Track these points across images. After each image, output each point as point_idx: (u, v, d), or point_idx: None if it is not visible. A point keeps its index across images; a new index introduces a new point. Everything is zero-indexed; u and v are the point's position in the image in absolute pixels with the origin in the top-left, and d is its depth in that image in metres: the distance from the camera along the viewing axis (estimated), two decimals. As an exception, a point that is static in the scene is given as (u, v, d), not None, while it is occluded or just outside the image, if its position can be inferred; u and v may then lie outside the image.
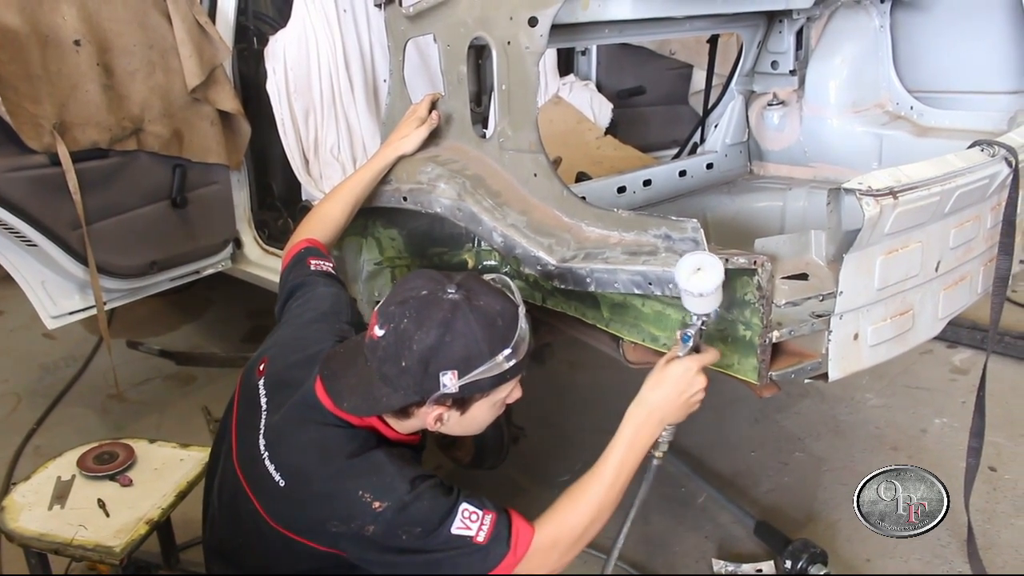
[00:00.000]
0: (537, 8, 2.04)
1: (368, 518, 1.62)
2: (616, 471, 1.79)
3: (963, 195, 2.16)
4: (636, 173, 3.06)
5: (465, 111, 2.30)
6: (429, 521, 1.63)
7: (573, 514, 1.76)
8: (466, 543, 1.63)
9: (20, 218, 2.81)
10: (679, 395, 1.81)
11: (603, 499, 1.77)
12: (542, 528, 1.71)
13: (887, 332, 2.15)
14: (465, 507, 1.66)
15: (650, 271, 1.88)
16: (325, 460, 1.70)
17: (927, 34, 3.14)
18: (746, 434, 3.62)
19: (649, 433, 1.83)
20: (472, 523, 1.65)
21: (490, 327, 1.66)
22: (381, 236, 2.66)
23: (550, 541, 1.71)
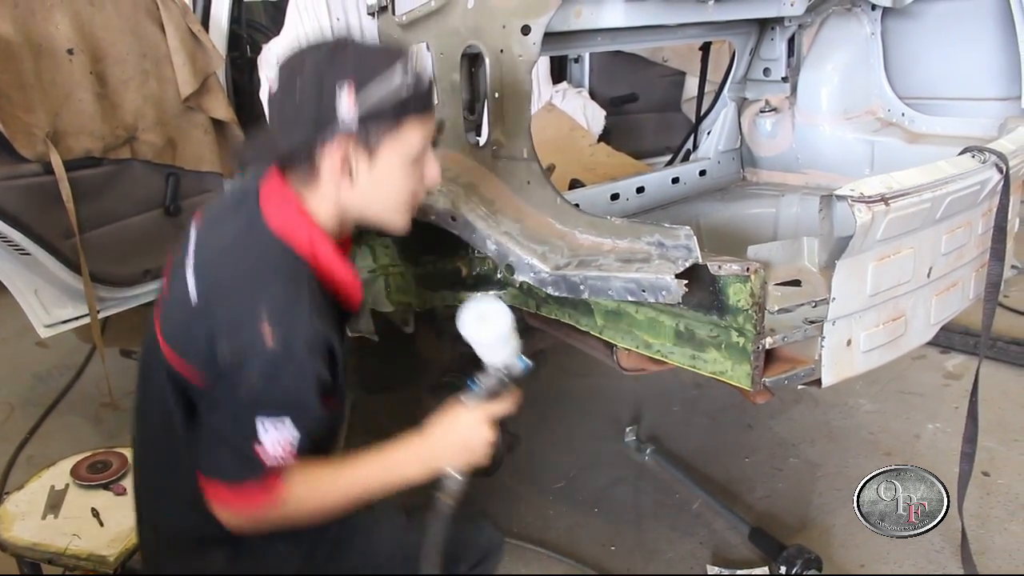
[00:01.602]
0: (530, 17, 2.05)
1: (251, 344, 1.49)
2: (362, 487, 1.63)
3: (954, 201, 2.17)
4: (629, 180, 3.08)
5: (458, 119, 2.30)
6: (273, 394, 1.50)
7: (313, 496, 1.60)
8: (250, 437, 1.50)
9: (13, 227, 2.79)
10: (458, 444, 1.66)
11: (331, 504, 1.62)
12: (293, 486, 1.56)
13: (880, 338, 2.16)
14: (290, 426, 1.51)
15: (643, 278, 1.89)
16: (247, 268, 1.58)
17: (918, 41, 3.16)
18: (740, 440, 3.62)
19: (414, 471, 1.65)
20: (277, 439, 1.51)
21: (383, 49, 1.63)
22: (375, 244, 2.67)
23: (283, 507, 1.58)
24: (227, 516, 1.59)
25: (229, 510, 1.58)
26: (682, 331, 2.02)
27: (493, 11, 2.13)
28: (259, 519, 1.60)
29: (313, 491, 1.60)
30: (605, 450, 3.54)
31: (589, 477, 3.37)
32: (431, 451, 1.66)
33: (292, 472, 1.56)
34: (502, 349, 1.66)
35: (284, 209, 1.61)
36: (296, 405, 1.53)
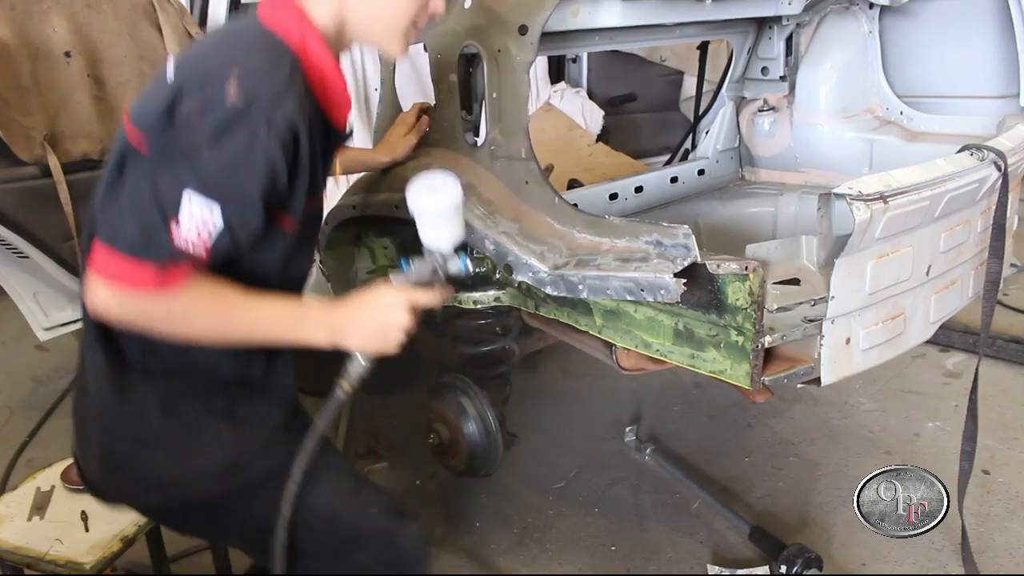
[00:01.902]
0: (527, 16, 2.05)
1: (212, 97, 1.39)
2: (260, 326, 1.54)
3: (953, 199, 2.17)
4: (628, 180, 3.08)
5: (456, 120, 2.30)
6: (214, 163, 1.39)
7: (203, 306, 1.49)
8: (168, 214, 1.39)
9: (11, 230, 2.80)
10: (372, 321, 1.57)
11: (219, 327, 1.51)
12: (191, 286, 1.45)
13: (879, 336, 2.16)
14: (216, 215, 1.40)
15: (642, 277, 1.88)
16: (228, 42, 1.55)
17: (916, 40, 3.16)
18: (740, 439, 3.62)
19: (320, 333, 1.56)
20: (197, 221, 1.40)
21: None
22: (374, 245, 2.67)
23: (171, 303, 1.45)
24: (104, 294, 1.43)
25: (111, 286, 1.42)
26: (681, 330, 2.01)
27: (490, 11, 2.13)
28: (138, 308, 1.45)
29: (208, 301, 1.49)
30: (605, 450, 3.54)
31: (589, 477, 3.36)
32: (342, 320, 1.58)
33: (196, 276, 1.46)
34: (443, 228, 1.58)
35: (279, 6, 1.55)
36: (233, 187, 1.41)
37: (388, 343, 1.58)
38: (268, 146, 1.40)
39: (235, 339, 1.54)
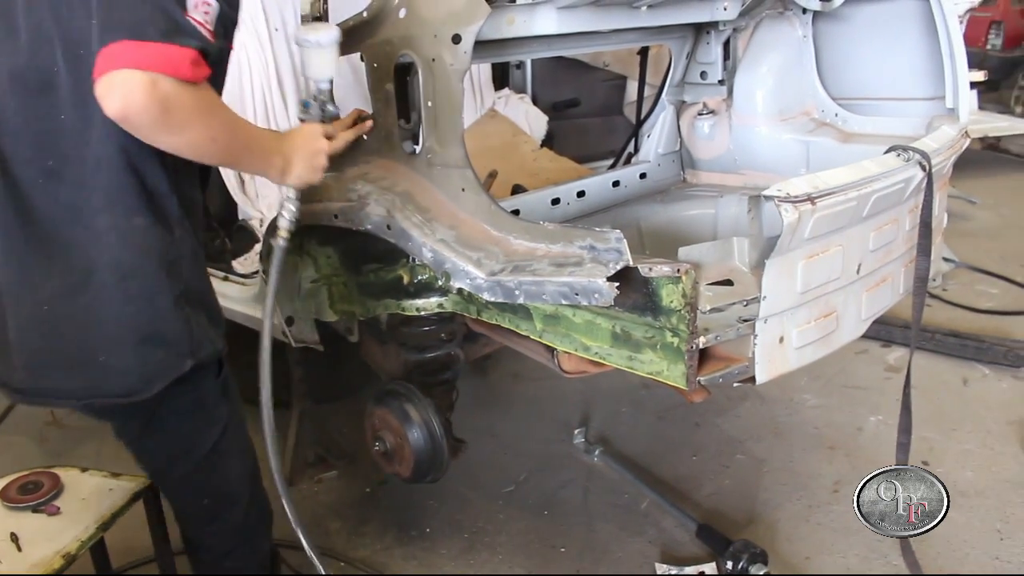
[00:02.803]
0: (460, 26, 2.06)
1: None
2: (243, 134, 1.81)
3: (880, 199, 2.23)
4: (570, 185, 3.11)
5: (393, 128, 2.31)
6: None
7: (220, 107, 1.70)
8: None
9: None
10: (307, 149, 1.94)
11: (222, 125, 1.69)
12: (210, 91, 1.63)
13: (812, 334, 2.20)
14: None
15: (576, 282, 1.91)
16: None
17: (848, 43, 3.23)
18: (687, 439, 3.67)
19: (273, 149, 1.89)
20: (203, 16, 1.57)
21: None
22: (317, 254, 2.66)
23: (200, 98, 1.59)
24: (142, 86, 1.47)
25: (153, 72, 1.48)
26: (618, 333, 2.04)
27: (424, 21, 2.14)
28: (178, 94, 1.52)
29: (215, 103, 1.67)
30: (554, 452, 3.57)
31: (539, 480, 3.39)
32: (286, 142, 1.93)
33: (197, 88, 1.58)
34: (323, 60, 1.97)
35: None
36: None
37: (316, 169, 1.96)
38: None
39: (234, 146, 1.75)
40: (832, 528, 3.04)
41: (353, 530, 3.13)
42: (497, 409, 3.93)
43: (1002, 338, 4.31)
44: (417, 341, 2.71)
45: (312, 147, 1.95)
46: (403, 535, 3.09)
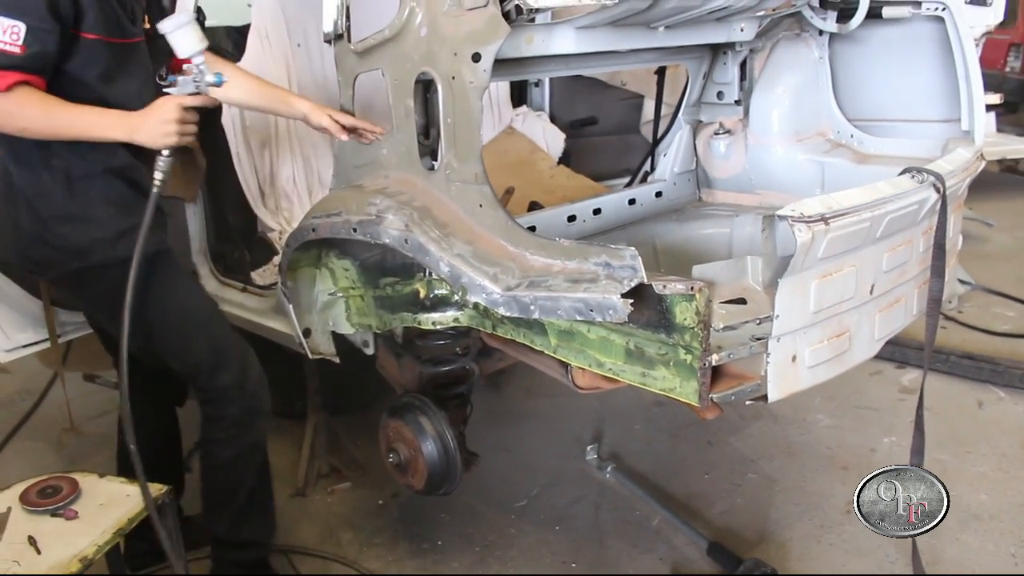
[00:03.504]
0: (480, 44, 2.10)
1: None
2: (77, 123, 2.18)
3: (893, 220, 2.24)
4: (586, 202, 3.14)
5: (413, 144, 2.35)
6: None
7: (42, 109, 2.12)
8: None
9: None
10: (154, 118, 2.17)
11: (49, 120, 2.14)
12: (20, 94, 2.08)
13: (824, 354, 2.22)
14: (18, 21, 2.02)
15: (591, 298, 1.93)
16: None
17: (865, 65, 3.25)
18: (700, 457, 3.67)
19: (118, 130, 2.19)
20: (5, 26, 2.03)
21: None
22: (335, 267, 2.70)
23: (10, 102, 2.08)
24: None
25: None
26: (632, 349, 2.06)
27: (445, 39, 2.18)
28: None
29: (35, 103, 2.10)
30: (567, 468, 3.58)
31: (551, 495, 3.40)
32: (134, 120, 2.18)
33: (29, 88, 2.08)
34: (184, 38, 2.13)
35: None
36: (23, 10, 2.03)
37: (167, 135, 2.16)
38: None
39: (59, 133, 2.17)
40: (844, 549, 3.03)
41: (366, 541, 3.15)
42: (510, 424, 3.95)
43: (1018, 361, 4.28)
44: (432, 354, 2.74)
45: (162, 118, 2.16)
46: (415, 547, 3.11)
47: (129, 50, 2.31)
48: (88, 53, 2.19)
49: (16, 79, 2.07)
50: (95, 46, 2.20)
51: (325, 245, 2.64)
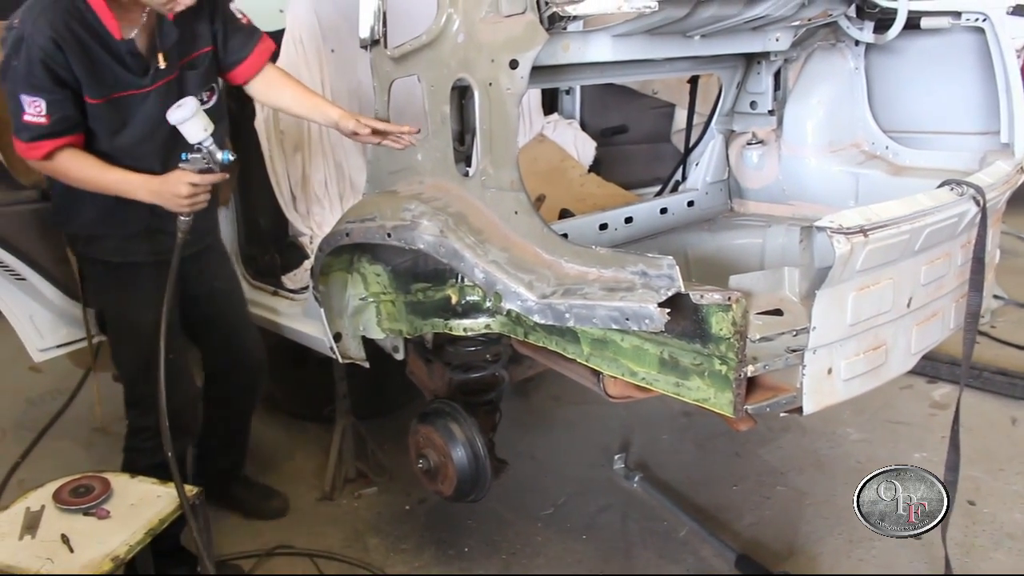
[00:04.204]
0: (518, 51, 2.10)
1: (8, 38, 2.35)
2: (108, 182, 2.47)
3: (932, 233, 2.22)
4: (618, 210, 3.13)
5: (448, 150, 2.35)
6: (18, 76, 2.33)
7: (80, 169, 2.45)
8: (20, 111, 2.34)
9: (10, 253, 2.84)
10: (168, 191, 2.43)
11: (86, 179, 2.47)
12: (61, 158, 2.41)
13: (860, 367, 2.19)
14: (39, 99, 2.33)
15: (627, 307, 1.92)
16: None
17: (901, 76, 3.23)
18: (728, 468, 3.64)
19: (141, 192, 2.46)
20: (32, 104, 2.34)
21: None
22: (366, 272, 2.70)
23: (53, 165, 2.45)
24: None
25: (22, 156, 2.44)
26: (666, 359, 2.05)
27: (482, 45, 2.18)
28: (37, 167, 2.49)
29: (75, 165, 2.44)
30: (594, 477, 3.56)
31: (578, 504, 3.39)
32: (151, 183, 2.45)
33: (68, 150, 2.41)
34: (193, 127, 2.37)
35: None
36: (32, 83, 2.32)
37: (179, 206, 2.43)
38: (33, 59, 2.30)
39: (98, 188, 2.49)
40: (874, 565, 3.00)
41: (392, 546, 3.15)
42: (537, 431, 3.93)
43: (1052, 378, 4.23)
44: (463, 361, 2.73)
45: (171, 191, 2.42)
46: (441, 554, 3.10)
47: (135, 101, 2.50)
48: (92, 113, 2.44)
49: (50, 147, 2.39)
50: (95, 108, 2.44)
51: (357, 250, 2.65)
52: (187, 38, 2.55)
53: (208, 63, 2.64)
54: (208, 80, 2.66)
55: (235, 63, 2.71)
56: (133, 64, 2.46)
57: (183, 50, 2.56)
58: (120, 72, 2.44)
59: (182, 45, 2.55)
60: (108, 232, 2.65)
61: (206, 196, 2.47)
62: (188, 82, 2.59)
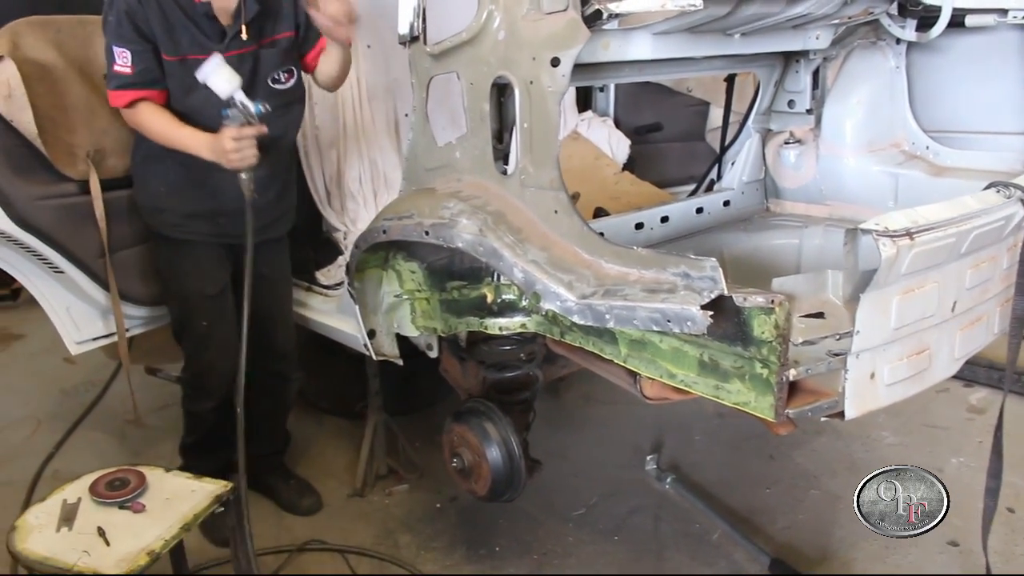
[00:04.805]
0: (560, 49, 2.08)
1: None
2: (178, 136, 2.66)
3: (979, 236, 2.18)
4: (654, 210, 3.10)
5: (487, 148, 2.33)
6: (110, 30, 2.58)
7: (155, 123, 2.66)
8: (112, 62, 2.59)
9: (48, 245, 2.86)
10: (218, 147, 2.54)
11: (160, 130, 2.67)
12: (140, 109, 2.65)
13: (903, 371, 2.15)
14: (124, 50, 2.57)
15: (669, 309, 1.90)
16: None
17: (943, 75, 3.17)
18: (761, 470, 3.61)
19: (200, 147, 2.62)
20: (119, 55, 2.57)
21: None
22: (402, 269, 2.70)
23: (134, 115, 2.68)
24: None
25: (110, 103, 2.69)
26: (706, 361, 2.02)
27: (523, 43, 2.16)
28: (126, 115, 2.71)
29: (153, 119, 2.65)
30: (626, 478, 3.55)
31: (610, 505, 3.37)
32: (206, 141, 2.60)
33: (148, 103, 2.64)
34: (220, 81, 2.48)
35: None
36: (121, 35, 2.56)
37: (229, 161, 2.54)
38: (120, 12, 2.55)
39: (168, 143, 2.67)
40: (909, 571, 2.96)
41: (423, 544, 3.15)
42: (569, 431, 3.92)
43: (1093, 383, 4.15)
44: (497, 360, 2.72)
45: (219, 147, 2.54)
46: (472, 553, 3.10)
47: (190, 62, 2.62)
48: (168, 70, 2.63)
49: (133, 96, 2.61)
50: (170, 66, 2.62)
51: (392, 247, 2.64)
52: (271, 18, 2.69)
53: (287, 46, 2.78)
54: (285, 62, 2.79)
55: (307, 50, 2.85)
56: (208, 28, 2.62)
57: (265, 28, 2.71)
58: (196, 33, 2.61)
59: (264, 23, 2.69)
60: (172, 207, 2.83)
61: (252, 151, 2.55)
62: (264, 60, 2.73)
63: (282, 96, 2.81)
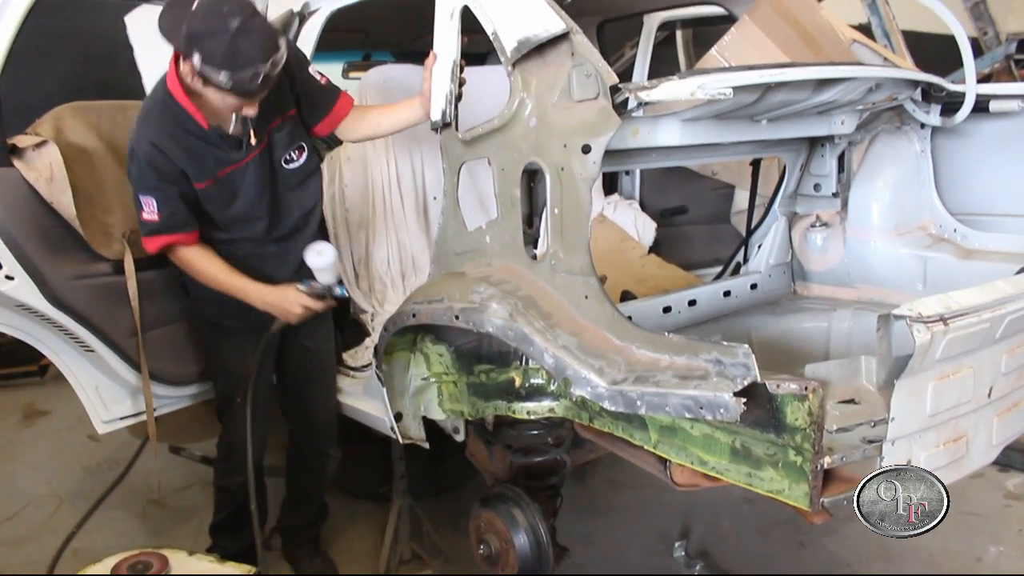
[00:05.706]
0: (591, 136, 2.11)
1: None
2: (224, 282, 2.77)
3: (1014, 321, 2.16)
4: (681, 293, 3.10)
5: (517, 233, 2.35)
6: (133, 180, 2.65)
7: (199, 268, 2.77)
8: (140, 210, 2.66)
9: (81, 324, 2.89)
10: (282, 305, 2.76)
11: (205, 275, 2.78)
12: (182, 250, 2.74)
13: (940, 459, 2.12)
14: (152, 200, 2.63)
15: (701, 396, 1.89)
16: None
17: (968, 159, 3.19)
18: (792, 558, 3.52)
19: (253, 298, 2.77)
20: (147, 205, 2.64)
21: (231, 57, 2.35)
22: (429, 352, 2.70)
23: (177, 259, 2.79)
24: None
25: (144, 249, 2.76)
26: (738, 448, 2.00)
27: (554, 130, 2.20)
28: (172, 258, 2.78)
29: (197, 262, 2.76)
30: (654, 564, 3.47)
31: (638, 593, 3.29)
32: (266, 295, 2.77)
33: (193, 249, 2.74)
34: (326, 273, 2.74)
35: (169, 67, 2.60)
36: (145, 184, 2.62)
37: (287, 317, 2.78)
38: (142, 162, 2.60)
39: (221, 289, 2.77)
40: None
41: (447, 633, 3.08)
42: (595, 516, 3.85)
43: None
44: (524, 444, 2.70)
45: (286, 308, 2.76)
46: (497, 641, 3.02)
47: (237, 174, 2.74)
48: (204, 196, 2.71)
49: (163, 242, 2.69)
50: (205, 191, 2.70)
51: (421, 330, 2.65)
52: (270, 108, 2.70)
53: (292, 125, 2.82)
54: (294, 140, 2.83)
55: (317, 121, 2.89)
56: (224, 144, 2.69)
57: (268, 119, 2.73)
58: (217, 153, 2.68)
59: (267, 115, 2.71)
60: (210, 296, 2.87)
61: (308, 313, 2.78)
62: (276, 144, 2.79)
63: (296, 175, 2.86)
